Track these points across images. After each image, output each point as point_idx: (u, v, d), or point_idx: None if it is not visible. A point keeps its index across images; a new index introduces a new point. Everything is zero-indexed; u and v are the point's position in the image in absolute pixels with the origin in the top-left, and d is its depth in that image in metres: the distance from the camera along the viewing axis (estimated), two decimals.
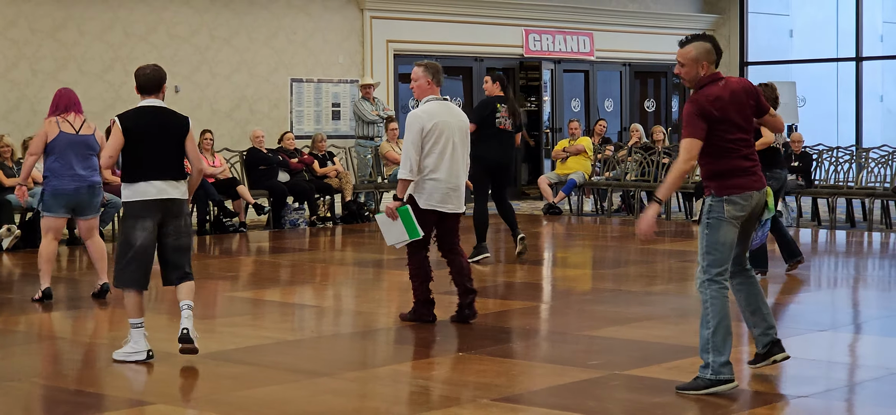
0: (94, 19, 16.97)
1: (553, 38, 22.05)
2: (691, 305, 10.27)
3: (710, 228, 6.76)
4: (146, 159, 7.73)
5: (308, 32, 19.08)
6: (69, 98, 10.31)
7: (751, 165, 6.81)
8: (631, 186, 18.77)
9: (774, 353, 7.16)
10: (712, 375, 6.73)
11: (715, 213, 6.75)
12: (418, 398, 6.95)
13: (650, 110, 24.00)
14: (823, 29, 27.14)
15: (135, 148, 7.74)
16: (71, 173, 10.11)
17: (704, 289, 6.78)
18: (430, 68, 8.98)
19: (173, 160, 7.83)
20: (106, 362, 8.07)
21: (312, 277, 12.44)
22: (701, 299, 6.85)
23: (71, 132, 10.13)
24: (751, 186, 6.78)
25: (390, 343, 8.79)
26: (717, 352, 6.73)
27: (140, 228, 7.72)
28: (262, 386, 7.26)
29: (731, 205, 6.74)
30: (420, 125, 8.76)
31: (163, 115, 7.88)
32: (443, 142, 8.81)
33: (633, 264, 12.98)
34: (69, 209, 10.25)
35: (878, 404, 6.88)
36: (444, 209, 8.92)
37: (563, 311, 10.16)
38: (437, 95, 8.98)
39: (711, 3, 24.17)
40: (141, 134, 7.75)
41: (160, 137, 7.80)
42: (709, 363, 6.74)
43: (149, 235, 7.74)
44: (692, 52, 6.76)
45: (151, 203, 7.71)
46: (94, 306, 10.65)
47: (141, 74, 7.93)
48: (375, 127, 18.58)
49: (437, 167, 8.80)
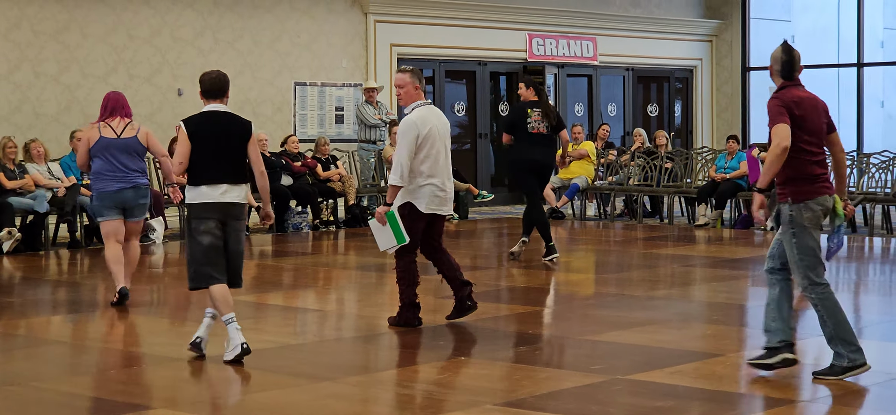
0: (98, 22, 16.97)
1: (556, 42, 22.05)
2: (694, 310, 10.27)
3: (796, 238, 7.10)
4: (208, 163, 7.91)
5: (312, 36, 19.08)
6: (116, 102, 10.41)
7: (823, 172, 7.15)
8: (634, 190, 18.76)
9: (783, 353, 7.31)
10: (848, 363, 7.13)
11: (796, 221, 7.09)
12: (421, 403, 6.94)
13: (653, 115, 23.99)
14: (825, 35, 27.14)
15: (198, 152, 7.91)
16: (113, 175, 10.19)
17: (809, 293, 7.15)
18: (416, 74, 9.05)
19: (234, 164, 7.99)
20: (106, 367, 8.07)
21: (315, 281, 12.44)
22: (812, 304, 7.20)
23: (112, 136, 10.21)
24: (823, 191, 7.13)
25: (393, 348, 8.78)
26: (846, 343, 7.13)
27: (205, 229, 7.89)
28: (264, 390, 7.25)
29: (809, 211, 7.09)
30: (416, 131, 8.82)
31: (226, 119, 8.07)
32: (436, 147, 8.90)
33: (636, 269, 12.97)
34: (120, 210, 10.28)
35: (880, 409, 6.86)
36: (440, 212, 9.01)
37: (565, 315, 10.15)
38: (423, 100, 9.04)
39: (714, 9, 24.17)
40: (204, 138, 7.93)
41: (222, 141, 7.97)
42: (843, 354, 7.13)
43: (213, 235, 7.90)
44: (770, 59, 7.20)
45: (211, 206, 7.89)
46: (95, 310, 10.65)
47: (206, 79, 8.11)
48: (378, 131, 18.58)
49: (433, 172, 8.88)
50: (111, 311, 10.33)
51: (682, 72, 24.15)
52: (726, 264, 13.08)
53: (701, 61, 24.15)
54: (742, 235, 16.32)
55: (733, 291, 11.27)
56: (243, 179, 8.03)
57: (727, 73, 24.15)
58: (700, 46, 24.12)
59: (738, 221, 17.38)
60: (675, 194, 18.44)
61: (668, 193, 18.40)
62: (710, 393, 7.05)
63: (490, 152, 21.67)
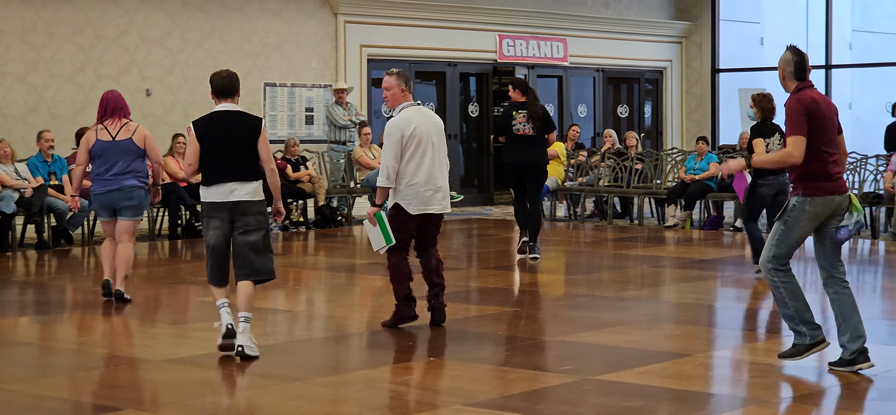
0: (65, 22, 16.87)
1: (527, 43, 22.08)
2: (663, 311, 10.30)
3: (786, 225, 7.38)
4: (217, 162, 8.05)
5: (282, 36, 19.04)
6: (115, 103, 10.51)
7: (836, 172, 7.40)
8: (604, 191, 18.80)
9: (860, 362, 7.41)
10: (810, 340, 7.45)
11: (796, 211, 7.35)
12: (391, 404, 6.94)
13: (623, 116, 24.06)
14: (793, 37, 27.23)
15: (208, 152, 8.07)
16: (104, 177, 10.35)
17: (773, 275, 7.41)
18: (402, 76, 9.12)
19: (243, 162, 8.09)
20: (75, 368, 8.03)
21: (285, 281, 12.40)
22: (771, 285, 7.45)
23: (107, 139, 10.36)
24: (834, 190, 7.36)
25: (363, 348, 8.77)
26: (805, 322, 7.44)
27: (212, 227, 8.09)
28: (234, 391, 7.23)
29: (813, 206, 7.33)
30: (400, 133, 8.90)
31: (235, 118, 8.16)
32: (422, 147, 8.95)
33: (606, 270, 13.00)
34: (110, 211, 10.46)
35: (845, 407, 6.90)
36: (430, 211, 9.06)
37: (536, 316, 10.16)
38: (410, 102, 9.11)
39: (684, 11, 24.26)
40: (213, 138, 8.07)
41: (231, 140, 8.07)
42: (804, 332, 7.45)
43: (219, 233, 8.08)
44: (780, 62, 7.44)
45: (220, 205, 8.05)
46: (63, 311, 10.60)
47: (217, 80, 8.21)
48: (348, 132, 18.56)
49: (417, 172, 8.94)
50: (79, 312, 10.28)
51: (652, 73, 24.23)
52: (695, 265, 13.13)
53: (671, 63, 24.24)
54: (711, 235, 16.39)
55: (702, 292, 11.31)
56: (253, 176, 8.13)
57: (697, 74, 24.25)
58: (670, 48, 24.21)
59: (708, 222, 17.44)
60: (644, 195, 18.49)
61: (638, 194, 18.46)
62: (678, 393, 7.08)
63: (460, 153, 21.67)
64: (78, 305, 10.93)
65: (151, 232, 15.85)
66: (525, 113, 13.05)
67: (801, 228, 7.37)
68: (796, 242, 7.41)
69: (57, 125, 16.39)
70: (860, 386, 7.28)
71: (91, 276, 13.29)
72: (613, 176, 18.87)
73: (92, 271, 13.67)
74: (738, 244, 15.21)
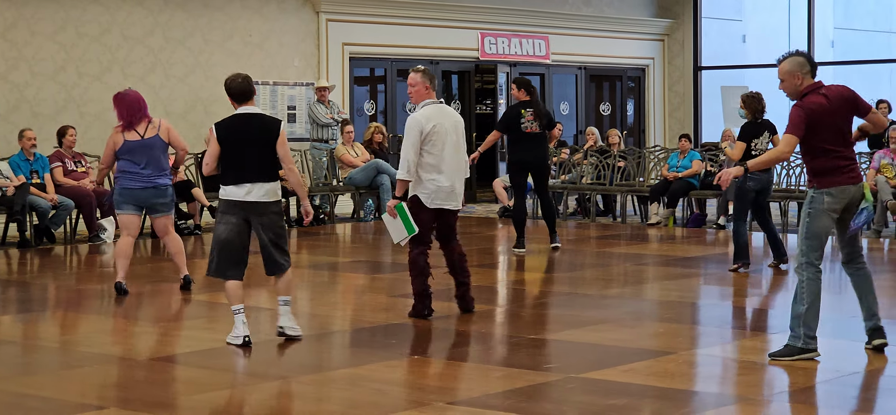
0: (46, 19, 16.81)
1: (509, 41, 22.09)
2: (646, 309, 10.32)
3: (809, 218, 7.71)
4: (237, 164, 8.35)
5: (263, 35, 19.01)
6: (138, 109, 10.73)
7: (847, 164, 7.75)
8: (586, 189, 18.82)
9: (874, 338, 7.89)
10: (802, 344, 7.63)
11: (815, 204, 7.70)
12: (374, 402, 6.93)
13: (606, 114, 24.09)
14: (775, 34, 27.36)
15: (227, 154, 8.37)
16: (136, 174, 10.63)
17: (802, 271, 7.69)
18: (427, 74, 9.45)
19: (262, 163, 8.38)
20: (56, 366, 8.00)
21: (267, 280, 12.35)
22: (798, 279, 7.69)
23: (136, 139, 10.66)
24: (846, 181, 7.72)
25: (346, 346, 8.76)
26: (808, 327, 7.64)
27: (224, 223, 8.36)
28: (216, 390, 7.22)
29: (830, 197, 7.66)
30: (419, 128, 9.21)
31: (255, 121, 8.46)
32: (441, 143, 9.26)
33: (589, 268, 13.02)
34: (138, 207, 10.83)
35: (828, 405, 6.93)
36: (447, 206, 9.36)
37: (519, 314, 10.17)
38: (433, 99, 9.40)
39: (666, 8, 24.30)
40: (234, 141, 8.35)
41: (250, 143, 8.36)
42: (800, 335, 7.63)
43: (232, 228, 8.34)
44: (787, 67, 7.74)
45: (236, 204, 8.34)
46: (46, 310, 10.57)
47: (235, 87, 8.47)
48: (330, 130, 18.53)
49: (437, 167, 9.25)
50: (62, 310, 10.25)
51: (635, 71, 24.26)
52: (678, 263, 13.16)
53: (653, 60, 24.27)
54: (694, 233, 16.42)
55: (685, 290, 11.34)
56: (271, 177, 8.40)
57: (679, 72, 24.29)
58: (652, 45, 24.25)
59: (690, 220, 17.48)
60: (627, 193, 18.52)
61: (620, 191, 18.48)
62: (662, 390, 7.09)
63: None
64: (61, 304, 10.90)
65: None
66: (532, 111, 13.49)
67: (821, 220, 7.69)
68: (820, 234, 7.72)
69: (39, 123, 16.33)
70: (843, 384, 7.31)
71: (74, 274, 13.26)
72: (596, 174, 18.89)
73: (74, 270, 13.63)
74: (721, 242, 15.25)
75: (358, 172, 18.04)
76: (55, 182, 15.11)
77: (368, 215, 18.18)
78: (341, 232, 16.72)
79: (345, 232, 16.81)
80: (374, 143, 18.66)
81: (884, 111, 18.92)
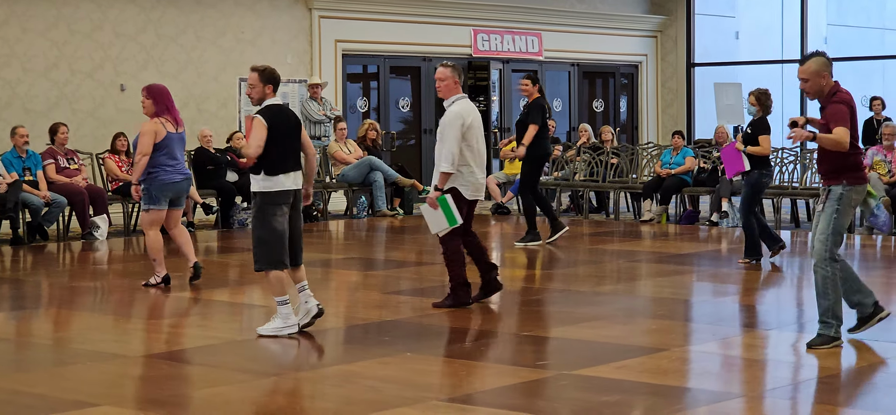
0: (38, 16, 16.78)
1: (501, 37, 22.09)
2: (639, 305, 10.33)
3: (838, 214, 7.92)
4: (282, 153, 8.53)
5: (256, 31, 18.99)
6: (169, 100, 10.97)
7: (864, 163, 8.20)
8: (579, 185, 18.83)
9: (878, 312, 8.18)
10: (834, 333, 7.89)
11: (844, 200, 7.93)
12: (367, 399, 6.93)
13: (599, 110, 24.10)
14: (769, 31, 27.39)
15: (275, 143, 8.48)
16: (176, 166, 10.90)
17: (827, 266, 7.89)
18: (456, 69, 9.66)
19: (296, 153, 8.68)
20: (50, 364, 7.99)
21: (261, 276, 12.37)
22: (821, 275, 7.88)
23: (174, 131, 10.89)
24: (865, 179, 8.11)
25: (339, 343, 8.76)
26: (837, 318, 7.90)
27: (279, 214, 8.53)
28: (210, 386, 7.21)
29: (857, 194, 7.99)
30: (461, 121, 9.43)
31: (287, 111, 8.78)
32: (475, 137, 9.51)
33: (582, 265, 13.03)
34: (170, 200, 10.99)
35: (818, 402, 6.93)
36: (478, 198, 9.67)
37: (511, 311, 10.17)
38: (462, 94, 9.62)
39: (659, 5, 24.31)
40: (278, 130, 8.52)
41: (290, 132, 8.63)
42: (833, 324, 7.89)
43: (285, 218, 8.59)
44: (812, 67, 7.95)
45: (286, 193, 8.56)
46: (39, 307, 10.56)
47: (271, 74, 8.68)
48: (323, 127, 18.52)
49: (475, 161, 9.52)
50: (55, 308, 10.23)
51: (628, 67, 24.27)
52: (671, 260, 13.16)
53: (646, 57, 24.28)
54: (687, 230, 16.43)
55: (678, 287, 11.35)
56: (299, 166, 8.70)
57: (672, 68, 24.30)
58: (645, 42, 24.26)
59: (683, 217, 17.49)
60: (620, 190, 18.53)
61: (613, 188, 18.49)
62: (655, 387, 7.09)
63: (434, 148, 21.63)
64: (54, 301, 10.88)
65: (126, 228, 15.79)
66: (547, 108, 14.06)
67: (847, 215, 7.99)
68: (844, 230, 8.01)
69: (31, 120, 16.31)
70: (836, 379, 7.32)
71: (67, 272, 13.24)
72: (589, 170, 18.90)
73: (67, 267, 13.62)
74: (713, 239, 15.26)
75: (351, 169, 18.04)
76: (48, 179, 15.09)
77: (361, 212, 18.17)
78: (334, 229, 16.72)
79: (338, 229, 16.81)
80: (368, 139, 18.65)
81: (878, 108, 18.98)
